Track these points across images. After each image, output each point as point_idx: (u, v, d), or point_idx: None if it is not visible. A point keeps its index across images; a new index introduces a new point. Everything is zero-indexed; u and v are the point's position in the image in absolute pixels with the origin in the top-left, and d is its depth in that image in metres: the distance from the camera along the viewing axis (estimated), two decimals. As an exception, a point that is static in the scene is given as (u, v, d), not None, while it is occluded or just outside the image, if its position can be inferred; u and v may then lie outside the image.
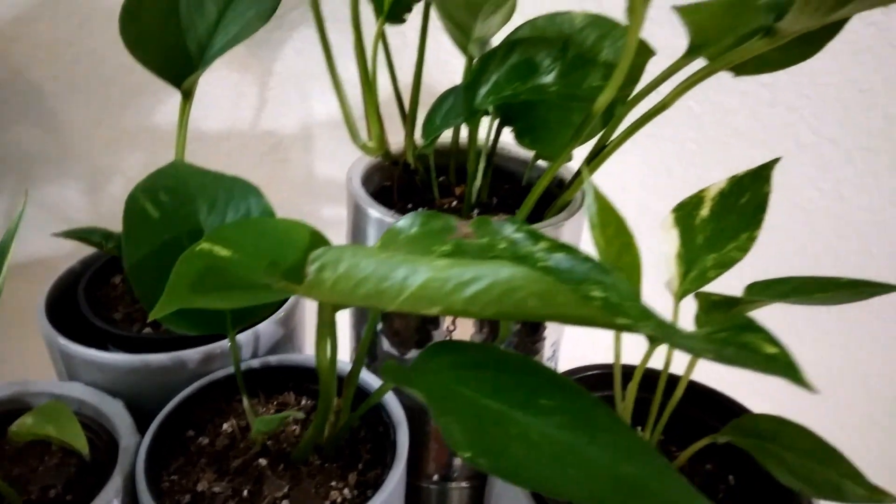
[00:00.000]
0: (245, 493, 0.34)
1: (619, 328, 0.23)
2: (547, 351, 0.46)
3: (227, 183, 0.33)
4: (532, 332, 0.42)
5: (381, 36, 0.40)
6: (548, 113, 0.38)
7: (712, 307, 0.32)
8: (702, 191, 0.38)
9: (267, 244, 0.29)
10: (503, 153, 0.48)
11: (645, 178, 0.63)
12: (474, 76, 0.35)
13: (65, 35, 0.53)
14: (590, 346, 0.72)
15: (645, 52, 0.39)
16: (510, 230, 0.26)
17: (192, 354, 0.39)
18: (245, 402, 0.36)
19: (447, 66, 0.58)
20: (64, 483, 0.35)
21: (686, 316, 0.34)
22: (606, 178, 0.63)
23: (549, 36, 0.37)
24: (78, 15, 0.52)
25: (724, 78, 0.58)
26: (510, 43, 0.35)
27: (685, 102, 0.59)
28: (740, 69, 0.37)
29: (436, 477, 0.48)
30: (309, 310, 0.49)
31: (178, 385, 0.38)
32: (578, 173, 0.39)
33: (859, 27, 0.55)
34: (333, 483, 0.35)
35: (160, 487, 0.34)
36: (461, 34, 0.37)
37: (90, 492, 0.35)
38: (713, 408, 0.41)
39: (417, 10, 0.40)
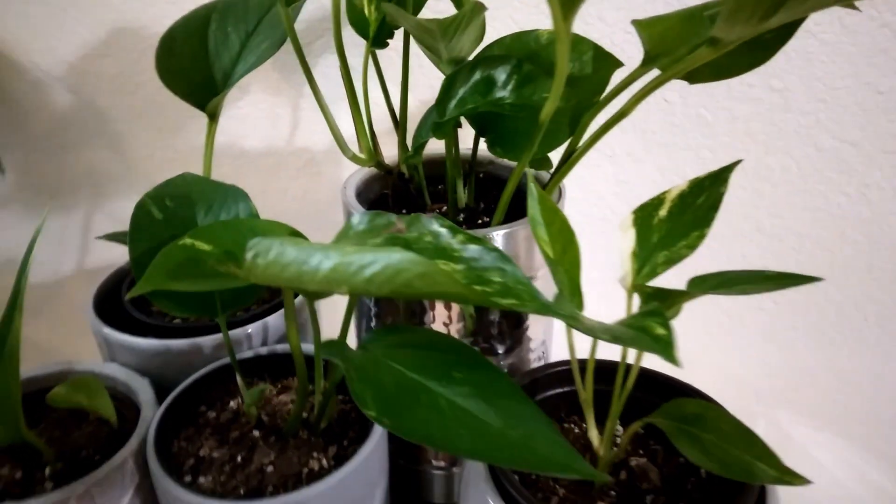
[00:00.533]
0: (238, 458, 0.39)
1: (508, 307, 0.26)
2: (537, 350, 0.48)
3: (222, 190, 0.38)
4: (515, 326, 0.45)
5: (373, 57, 0.45)
6: (514, 123, 0.41)
7: (649, 298, 0.34)
8: (664, 192, 0.40)
9: (244, 240, 0.34)
10: (498, 163, 0.51)
11: (661, 187, 0.65)
12: (443, 92, 0.39)
13: (125, 68, 0.61)
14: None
15: (610, 64, 0.41)
16: (435, 226, 0.30)
17: (208, 341, 0.45)
18: (239, 380, 0.41)
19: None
20: (94, 446, 0.41)
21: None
22: (621, 188, 0.65)
23: (515, 53, 0.41)
24: (135, 51, 0.60)
25: (734, 84, 0.59)
26: (474, 61, 0.39)
27: (695, 111, 0.60)
28: (694, 77, 0.39)
29: (442, 462, 0.51)
30: (324, 305, 0.54)
31: (196, 367, 0.44)
32: (552, 177, 0.42)
33: (872, 29, 0.55)
34: (315, 454, 0.39)
35: (171, 451, 0.40)
36: (434, 55, 0.41)
37: (114, 454, 0.41)
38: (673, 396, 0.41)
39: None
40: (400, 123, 0.45)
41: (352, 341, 0.45)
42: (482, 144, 0.44)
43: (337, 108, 0.63)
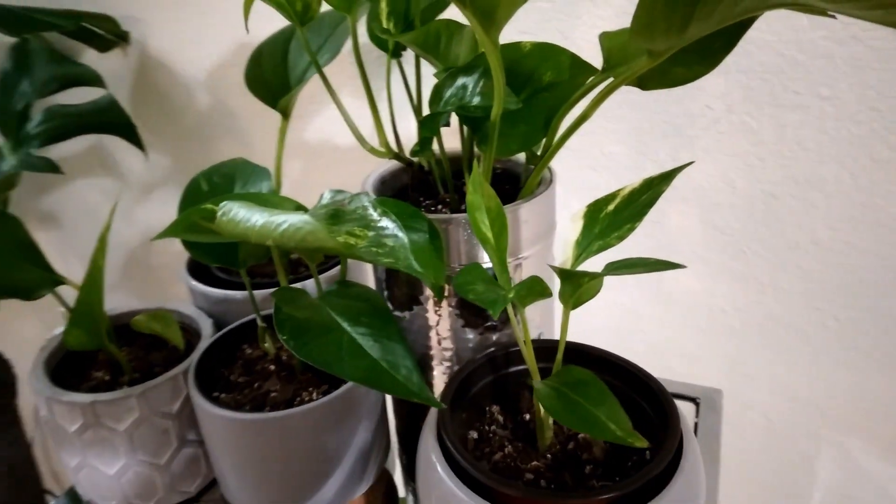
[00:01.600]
0: (255, 385, 0.49)
1: (385, 264, 0.33)
2: (533, 332, 0.53)
3: (254, 169, 0.49)
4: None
5: (398, 64, 0.53)
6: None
7: (564, 277, 0.38)
8: (619, 189, 0.43)
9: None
10: (515, 160, 0.57)
11: (706, 193, 0.65)
12: (433, 95, 0.46)
13: (244, 75, 0.75)
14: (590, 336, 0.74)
15: (586, 72, 0.46)
16: (366, 201, 0.38)
17: (258, 294, 0.56)
18: (258, 322, 0.51)
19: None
20: (164, 365, 0.54)
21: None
22: (669, 192, 0.66)
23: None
24: (251, 61, 0.74)
25: (778, 92, 0.59)
26: (455, 70, 0.45)
27: (739, 117, 0.61)
28: (645, 84, 0.42)
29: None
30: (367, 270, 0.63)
31: (248, 314, 0.55)
32: (534, 169, 0.48)
33: (927, 36, 0.52)
34: (309, 389, 0.48)
35: (210, 374, 0.51)
36: (435, 63, 0.48)
37: (176, 372, 0.53)
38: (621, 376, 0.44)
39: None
40: (417, 121, 0.53)
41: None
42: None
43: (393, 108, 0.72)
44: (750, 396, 0.73)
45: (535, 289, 0.36)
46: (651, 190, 0.42)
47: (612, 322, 0.76)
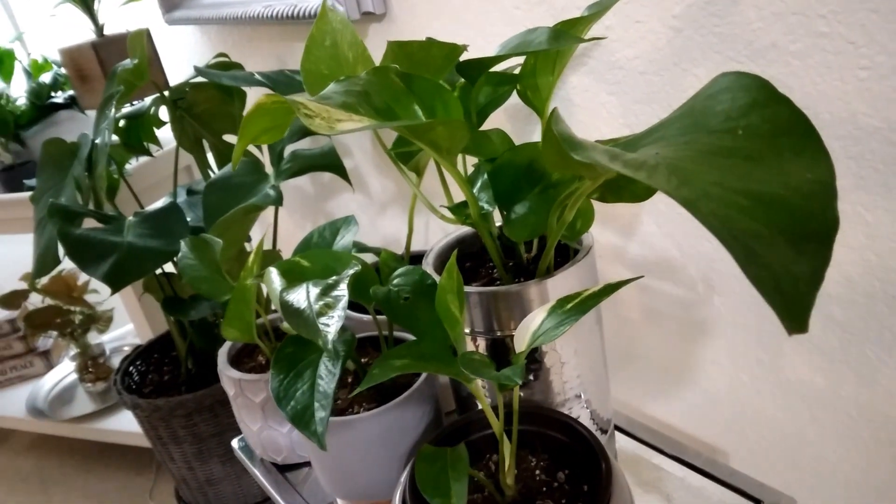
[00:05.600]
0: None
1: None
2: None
3: (342, 222, 0.63)
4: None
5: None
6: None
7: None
8: (583, 290, 0.46)
9: (327, 262, 0.59)
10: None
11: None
12: (470, 181, 0.55)
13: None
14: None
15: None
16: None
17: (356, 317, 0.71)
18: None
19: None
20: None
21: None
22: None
23: (518, 158, 0.53)
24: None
25: (894, 184, 0.51)
26: (479, 168, 0.53)
27: (852, 207, 0.54)
28: (603, 199, 0.44)
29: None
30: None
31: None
32: (545, 257, 0.53)
33: None
34: (364, 404, 0.61)
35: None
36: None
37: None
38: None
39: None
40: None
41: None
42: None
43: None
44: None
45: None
46: (604, 293, 0.45)
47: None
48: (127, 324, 1.96)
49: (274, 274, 0.51)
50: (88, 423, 1.75)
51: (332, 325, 0.44)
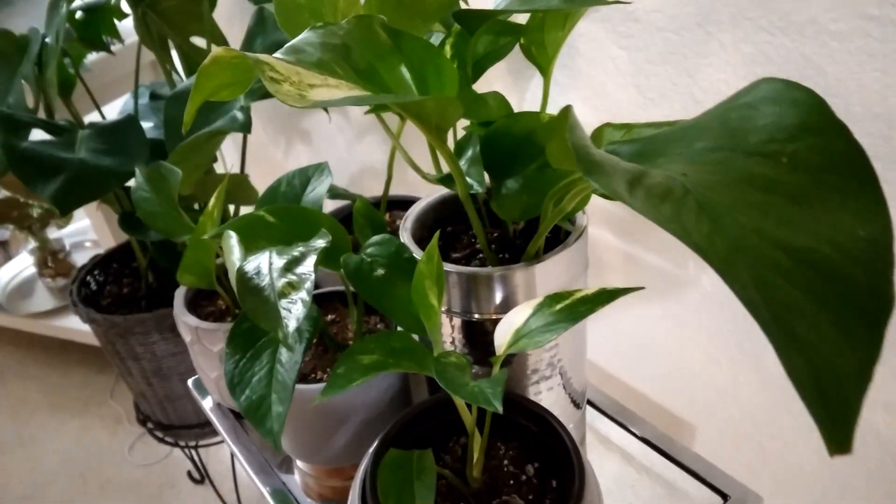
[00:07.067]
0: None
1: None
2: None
3: (314, 170, 0.57)
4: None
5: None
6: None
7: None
8: (574, 290, 0.42)
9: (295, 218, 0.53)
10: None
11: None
12: (455, 151, 0.49)
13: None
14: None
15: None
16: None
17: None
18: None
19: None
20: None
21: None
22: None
23: (516, 129, 0.47)
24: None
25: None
26: (468, 137, 0.47)
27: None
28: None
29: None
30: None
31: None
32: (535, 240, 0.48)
33: None
34: (328, 369, 0.58)
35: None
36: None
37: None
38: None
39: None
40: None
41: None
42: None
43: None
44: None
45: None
46: (598, 301, 0.41)
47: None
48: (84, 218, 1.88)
49: (233, 240, 0.45)
50: (48, 319, 1.71)
51: (293, 311, 0.39)
